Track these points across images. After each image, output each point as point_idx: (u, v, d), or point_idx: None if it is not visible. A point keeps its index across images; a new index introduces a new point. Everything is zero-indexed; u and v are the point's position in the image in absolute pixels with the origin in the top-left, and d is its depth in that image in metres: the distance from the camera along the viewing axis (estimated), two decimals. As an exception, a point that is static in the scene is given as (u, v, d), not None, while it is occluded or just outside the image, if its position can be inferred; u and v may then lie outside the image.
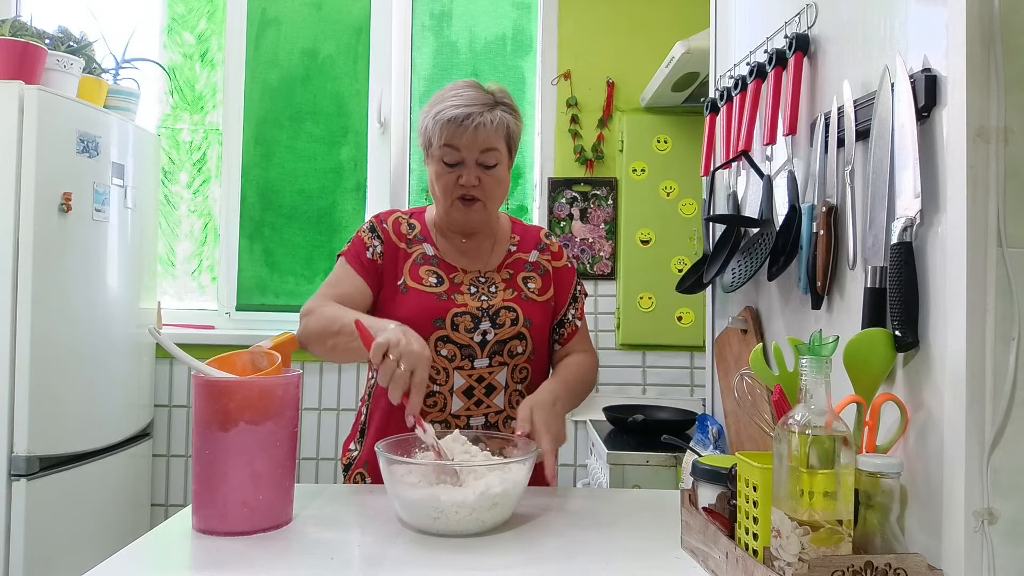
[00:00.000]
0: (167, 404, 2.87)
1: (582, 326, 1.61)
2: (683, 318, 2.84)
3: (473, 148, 1.42)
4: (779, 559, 0.88)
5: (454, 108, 1.41)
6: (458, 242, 1.54)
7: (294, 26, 3.05)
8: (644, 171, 2.86)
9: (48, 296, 2.18)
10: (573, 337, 1.58)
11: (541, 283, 1.55)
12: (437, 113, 1.42)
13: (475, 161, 1.43)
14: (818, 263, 1.15)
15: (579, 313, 1.60)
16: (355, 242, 1.53)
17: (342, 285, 1.48)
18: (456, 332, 1.44)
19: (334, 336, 1.37)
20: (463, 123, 1.40)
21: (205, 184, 3.07)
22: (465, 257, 1.53)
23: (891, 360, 0.95)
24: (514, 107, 1.48)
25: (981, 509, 0.83)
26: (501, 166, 1.46)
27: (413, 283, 1.48)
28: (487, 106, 1.42)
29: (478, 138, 1.41)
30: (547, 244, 1.60)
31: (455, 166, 1.44)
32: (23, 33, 2.29)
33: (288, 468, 1.19)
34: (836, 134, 1.13)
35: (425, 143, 1.47)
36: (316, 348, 1.42)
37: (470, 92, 1.44)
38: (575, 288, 1.60)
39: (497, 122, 1.42)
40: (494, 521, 1.17)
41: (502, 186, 1.49)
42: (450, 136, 1.41)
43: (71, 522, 2.30)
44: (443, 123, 1.41)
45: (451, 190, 1.45)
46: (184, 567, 1.06)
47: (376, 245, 1.51)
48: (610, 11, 2.91)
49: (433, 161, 1.46)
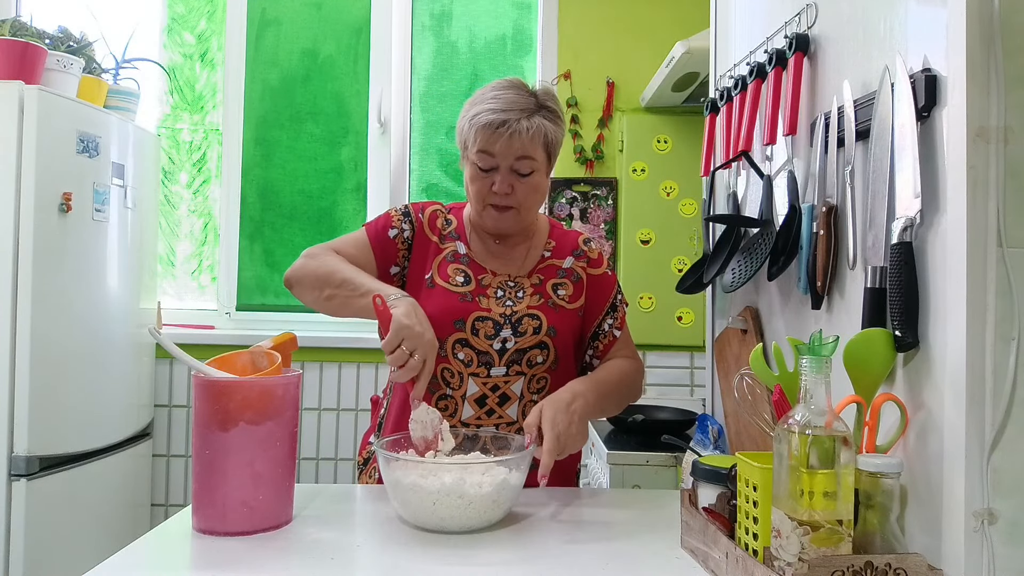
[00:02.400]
0: (167, 404, 2.87)
1: (622, 335, 1.54)
2: (683, 318, 2.84)
3: (508, 155, 1.38)
4: (779, 559, 0.88)
5: (491, 112, 1.36)
6: (491, 244, 1.51)
7: (294, 26, 3.05)
8: (644, 171, 2.86)
9: (48, 296, 2.18)
10: (611, 347, 1.52)
11: (573, 290, 1.49)
12: (474, 116, 1.38)
13: (509, 168, 1.39)
14: (818, 263, 1.15)
15: (619, 323, 1.53)
16: (382, 217, 1.51)
17: (351, 246, 1.47)
18: (475, 337, 1.41)
19: (335, 287, 1.37)
20: (498, 129, 1.35)
21: (205, 184, 3.07)
22: (496, 259, 1.50)
23: (891, 360, 0.95)
24: (557, 111, 1.44)
25: (981, 509, 0.83)
26: (537, 173, 1.42)
27: (440, 280, 1.45)
28: (526, 112, 1.38)
29: (513, 145, 1.37)
30: (585, 250, 1.54)
31: (489, 171, 1.40)
32: (23, 33, 2.29)
33: (288, 468, 1.19)
34: (836, 134, 1.13)
35: (461, 144, 1.44)
36: (308, 292, 1.43)
37: (510, 95, 1.39)
38: (615, 297, 1.53)
39: (534, 130, 1.37)
40: (489, 518, 1.17)
41: (537, 193, 1.45)
42: (484, 141, 1.37)
43: (71, 522, 2.30)
44: (479, 127, 1.37)
45: (484, 195, 1.42)
46: (184, 567, 1.06)
47: (405, 228, 1.49)
48: (610, 11, 2.91)
49: (468, 164, 1.43)
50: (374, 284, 1.35)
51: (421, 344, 1.24)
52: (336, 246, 1.48)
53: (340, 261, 1.42)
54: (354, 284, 1.35)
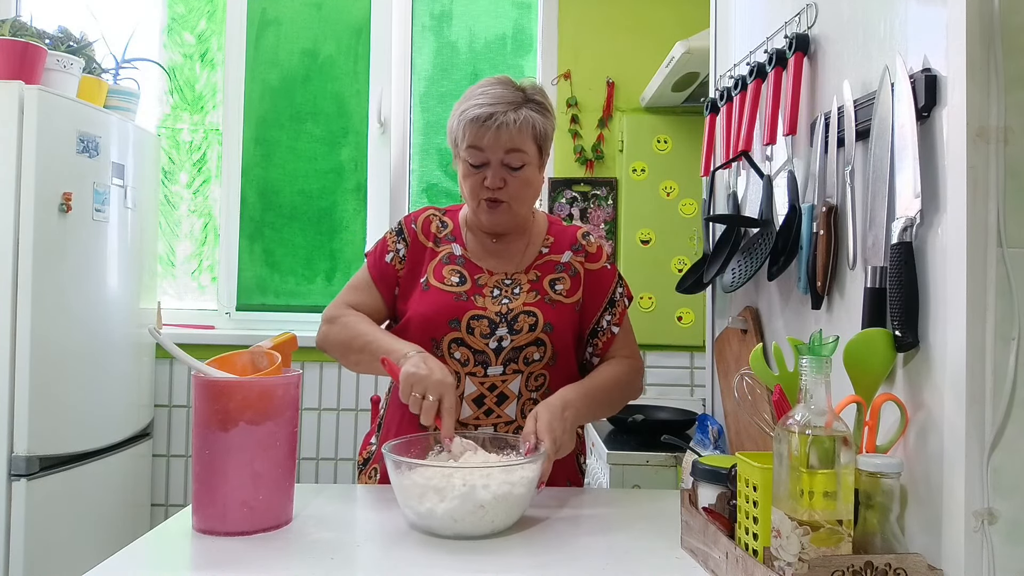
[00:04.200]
0: (167, 404, 2.87)
1: (622, 332, 1.51)
2: (683, 318, 2.84)
3: (497, 149, 1.38)
4: (779, 559, 0.88)
5: (478, 107, 1.37)
6: (488, 242, 1.51)
7: (294, 26, 3.05)
8: (644, 171, 2.86)
9: (48, 296, 2.18)
10: (611, 345, 1.50)
11: (570, 284, 1.48)
12: (462, 112, 1.39)
13: (500, 162, 1.39)
14: (818, 263, 1.15)
15: (617, 319, 1.50)
16: (379, 245, 1.54)
17: (360, 294, 1.52)
18: (471, 336, 1.41)
19: (357, 353, 1.42)
20: (485, 123, 1.36)
21: (205, 184, 3.08)
22: (494, 258, 1.50)
23: (891, 360, 0.95)
24: (545, 104, 1.44)
25: (981, 509, 0.83)
26: (529, 167, 1.42)
27: (435, 281, 1.46)
28: (513, 105, 1.38)
29: (501, 138, 1.37)
30: (583, 245, 1.52)
31: (480, 167, 1.41)
32: (23, 33, 2.29)
33: (288, 468, 1.19)
34: (836, 134, 1.13)
35: (452, 142, 1.45)
36: (338, 358, 1.49)
37: (497, 90, 1.40)
38: (614, 291, 1.51)
39: (521, 121, 1.37)
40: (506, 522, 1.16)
41: (530, 187, 1.45)
42: (473, 136, 1.38)
43: (71, 522, 2.30)
44: (466, 123, 1.38)
45: (477, 191, 1.42)
46: (184, 567, 1.07)
47: (399, 249, 1.50)
48: (610, 11, 2.91)
49: (460, 162, 1.43)
50: (386, 345, 1.37)
51: (429, 384, 1.25)
52: (349, 298, 1.51)
53: (359, 322, 1.45)
54: (372, 349, 1.38)
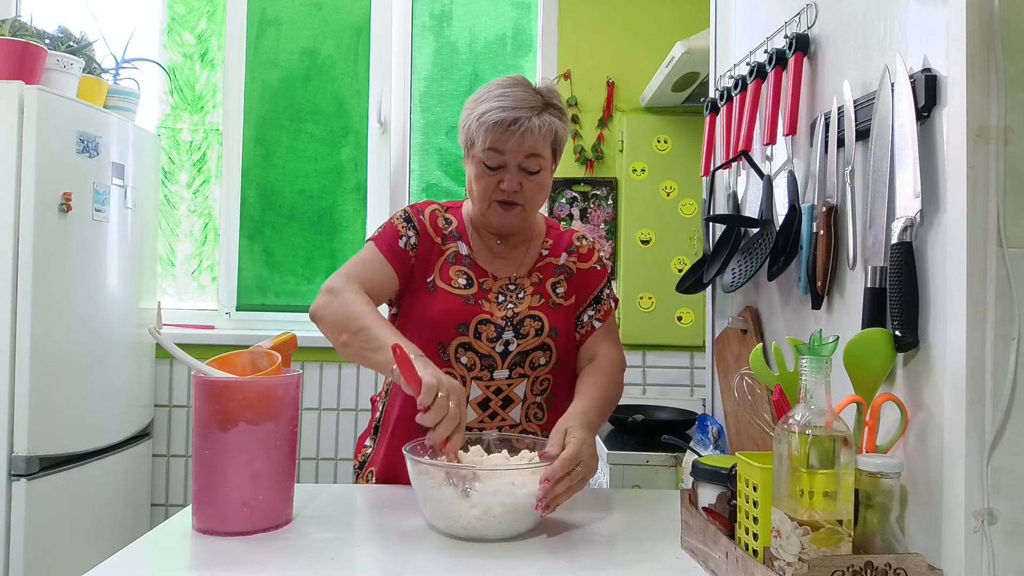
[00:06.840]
0: (167, 404, 2.87)
1: (603, 328, 1.50)
2: (683, 318, 2.84)
3: (518, 153, 1.37)
4: (779, 559, 0.88)
5: (501, 111, 1.35)
6: (493, 243, 1.50)
7: (294, 26, 3.05)
8: (644, 171, 2.86)
9: (48, 296, 2.18)
10: (589, 338, 1.49)
11: (567, 287, 1.49)
12: (482, 114, 1.37)
13: (518, 166, 1.39)
14: (818, 263, 1.15)
15: (601, 315, 1.50)
16: (387, 229, 1.47)
17: (369, 269, 1.42)
18: (478, 341, 1.40)
19: (352, 334, 1.31)
20: (509, 127, 1.34)
21: (205, 184, 3.07)
22: (498, 260, 1.49)
23: (891, 360, 0.95)
24: (563, 109, 1.43)
25: (981, 509, 0.83)
26: (544, 172, 1.41)
27: (442, 283, 1.44)
28: (535, 109, 1.37)
29: (524, 143, 1.36)
30: (577, 246, 1.54)
31: (497, 169, 1.39)
32: (23, 33, 2.29)
33: (288, 468, 1.19)
34: (836, 134, 1.13)
35: (466, 142, 1.42)
36: (328, 332, 1.37)
37: (517, 92, 1.38)
38: (601, 291, 1.52)
39: (546, 128, 1.37)
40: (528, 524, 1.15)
41: (543, 191, 1.44)
42: (495, 140, 1.36)
43: (71, 522, 2.29)
44: (488, 126, 1.35)
45: (490, 193, 1.41)
46: (184, 567, 1.06)
47: (410, 235, 1.46)
48: (610, 11, 2.91)
49: (473, 162, 1.41)
50: (390, 337, 1.26)
51: (452, 388, 1.17)
52: (355, 272, 1.41)
53: (362, 303, 1.34)
54: (369, 336, 1.28)
